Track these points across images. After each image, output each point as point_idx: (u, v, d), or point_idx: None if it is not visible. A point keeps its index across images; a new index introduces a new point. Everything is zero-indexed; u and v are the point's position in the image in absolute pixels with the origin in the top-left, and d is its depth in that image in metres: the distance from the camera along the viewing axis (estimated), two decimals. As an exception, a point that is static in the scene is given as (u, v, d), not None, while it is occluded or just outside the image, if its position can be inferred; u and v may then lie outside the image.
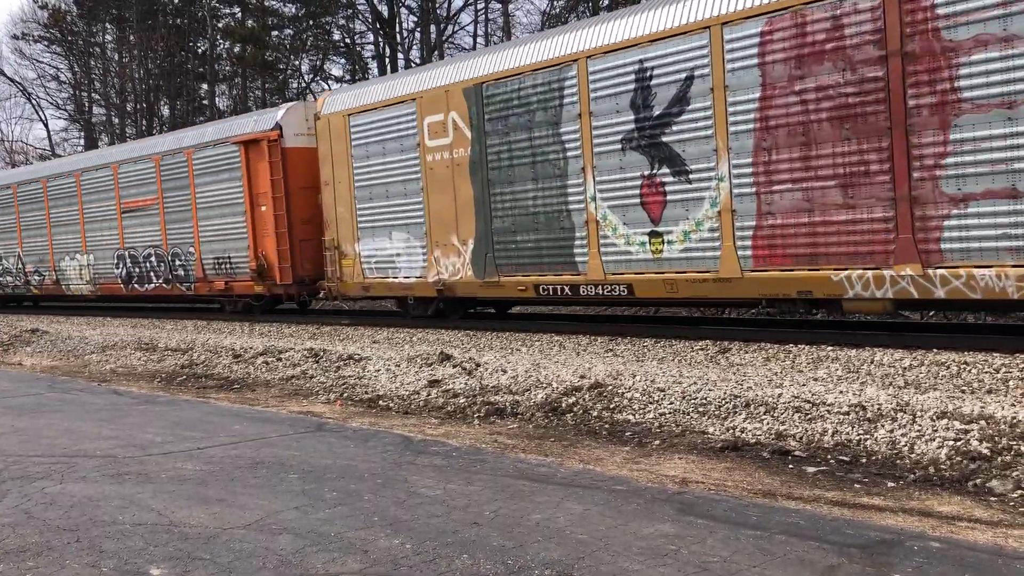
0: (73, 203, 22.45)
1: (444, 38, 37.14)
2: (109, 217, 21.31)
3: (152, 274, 20.27)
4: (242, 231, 17.70)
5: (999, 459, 5.80)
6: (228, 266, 18.20)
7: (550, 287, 12.41)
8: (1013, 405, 6.64)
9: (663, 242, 11.05)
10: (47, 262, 23.68)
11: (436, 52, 35.68)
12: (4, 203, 25.29)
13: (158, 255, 19.95)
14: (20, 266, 24.88)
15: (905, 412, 6.67)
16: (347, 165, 15.26)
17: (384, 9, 37.13)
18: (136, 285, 20.76)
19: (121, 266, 21.12)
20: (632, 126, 11.20)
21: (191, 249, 18.98)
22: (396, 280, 14.73)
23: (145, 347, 14.83)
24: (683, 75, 10.60)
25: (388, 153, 14.59)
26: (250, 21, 39.80)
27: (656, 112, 10.92)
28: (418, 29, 37.68)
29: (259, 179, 17.07)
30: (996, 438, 6.01)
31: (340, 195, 15.49)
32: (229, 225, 18.07)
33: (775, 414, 7.14)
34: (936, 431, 6.29)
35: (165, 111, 44.39)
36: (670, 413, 7.65)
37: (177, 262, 19.46)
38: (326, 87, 40.18)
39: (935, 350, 8.94)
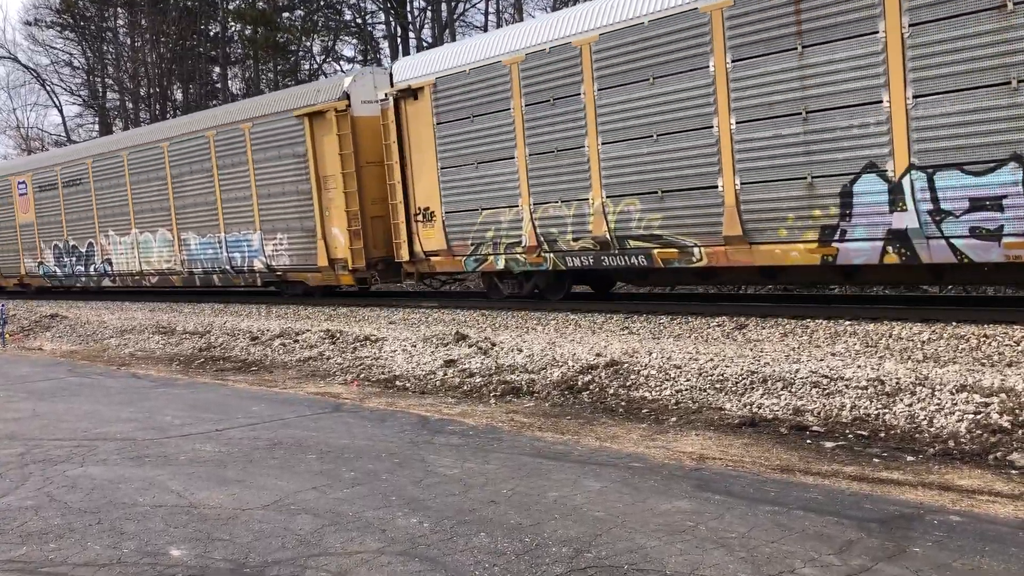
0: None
1: (456, 16, 36.93)
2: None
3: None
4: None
5: (1020, 432, 5.74)
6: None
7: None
8: (1034, 377, 6.57)
9: None
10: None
11: (447, 31, 35.50)
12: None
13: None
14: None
15: (924, 386, 6.61)
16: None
17: (395, -12, 36.94)
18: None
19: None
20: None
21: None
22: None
23: (163, 331, 14.92)
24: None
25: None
26: (261, 3, 39.69)
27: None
28: (429, 8, 37.47)
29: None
30: (1017, 411, 5.95)
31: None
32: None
33: (792, 389, 7.11)
34: (956, 404, 6.24)
35: (178, 95, 44.44)
36: (686, 390, 7.63)
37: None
38: (338, 68, 40.13)
39: (954, 323, 8.85)
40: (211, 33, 42.82)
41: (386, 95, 14.31)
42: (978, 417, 6.01)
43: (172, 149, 19.10)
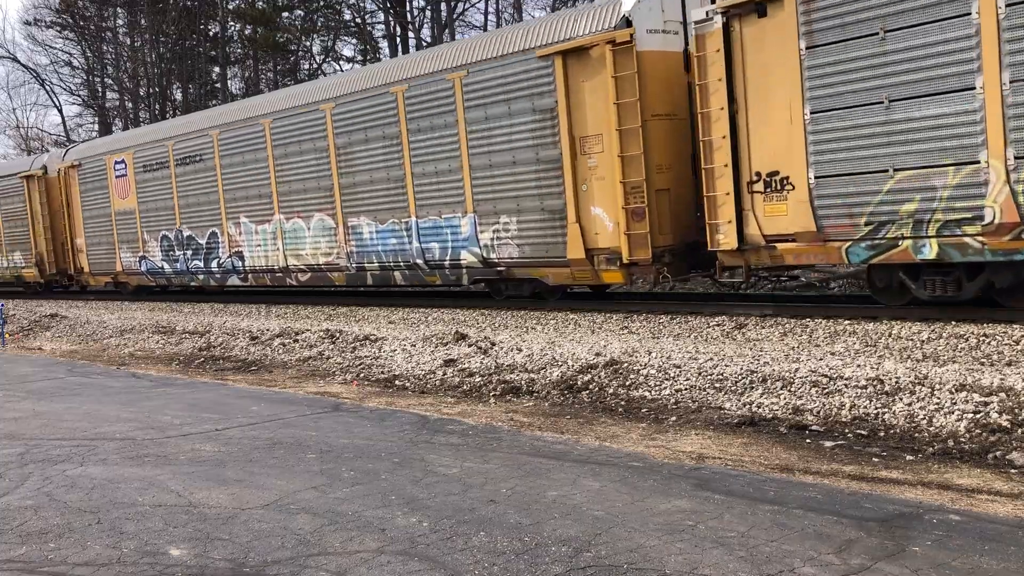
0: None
1: (455, 16, 36.94)
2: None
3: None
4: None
5: (1019, 431, 5.75)
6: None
7: None
8: (1033, 377, 6.57)
9: None
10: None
11: (447, 31, 35.49)
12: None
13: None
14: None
15: (923, 385, 6.62)
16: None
17: (394, -12, 36.95)
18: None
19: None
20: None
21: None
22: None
23: (163, 330, 14.92)
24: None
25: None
26: (260, 3, 39.71)
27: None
28: (429, 7, 37.47)
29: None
30: (1016, 410, 5.96)
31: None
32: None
33: (792, 389, 7.11)
34: (955, 404, 6.25)
35: (178, 95, 44.45)
36: (686, 389, 7.63)
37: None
38: (338, 68, 40.14)
39: (953, 322, 8.86)
40: (211, 33, 42.83)
41: (708, 14, 10.25)
42: (977, 416, 6.02)
43: (338, 112, 15.04)
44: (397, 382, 9.48)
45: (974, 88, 8.35)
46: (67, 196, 22.65)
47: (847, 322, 9.47)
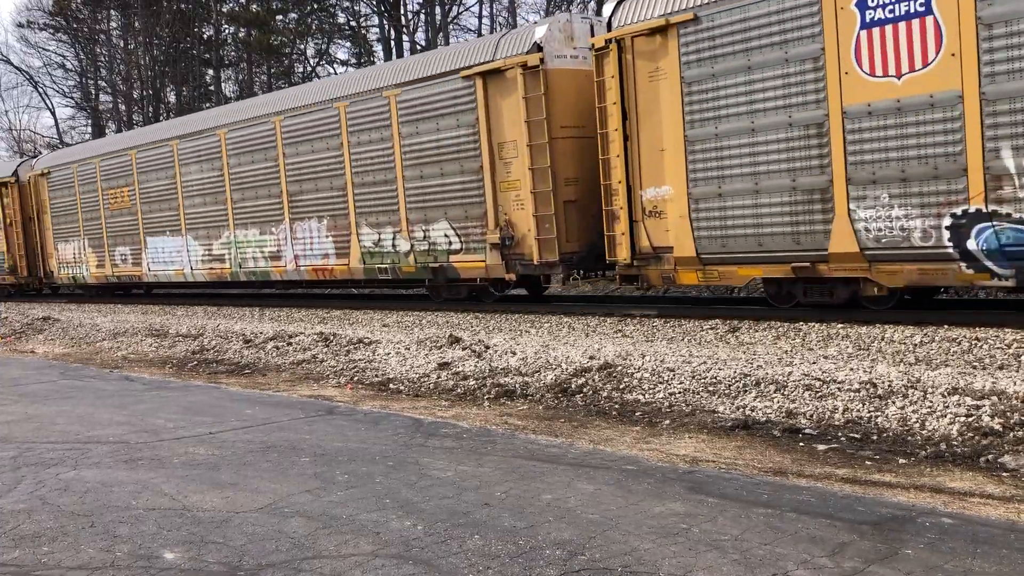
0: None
1: (449, 20, 36.98)
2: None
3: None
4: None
5: (1011, 434, 5.77)
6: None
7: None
8: (1025, 380, 6.60)
9: None
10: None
11: (441, 34, 35.52)
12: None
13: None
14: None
15: (916, 389, 6.64)
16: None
17: (389, -9, 36.96)
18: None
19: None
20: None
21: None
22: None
23: (156, 333, 14.89)
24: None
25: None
26: (254, 5, 39.68)
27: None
28: (423, 11, 37.50)
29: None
30: (1008, 413, 5.98)
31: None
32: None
33: (785, 392, 7.13)
34: (947, 407, 6.27)
35: (172, 98, 44.38)
36: (680, 392, 7.64)
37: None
38: (331, 71, 40.11)
39: (946, 326, 8.89)
40: (205, 36, 42.79)
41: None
42: (970, 420, 6.04)
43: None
44: (391, 385, 9.48)
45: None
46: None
47: (840, 326, 9.50)
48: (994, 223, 8.48)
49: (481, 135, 12.97)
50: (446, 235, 13.85)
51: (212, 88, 43.00)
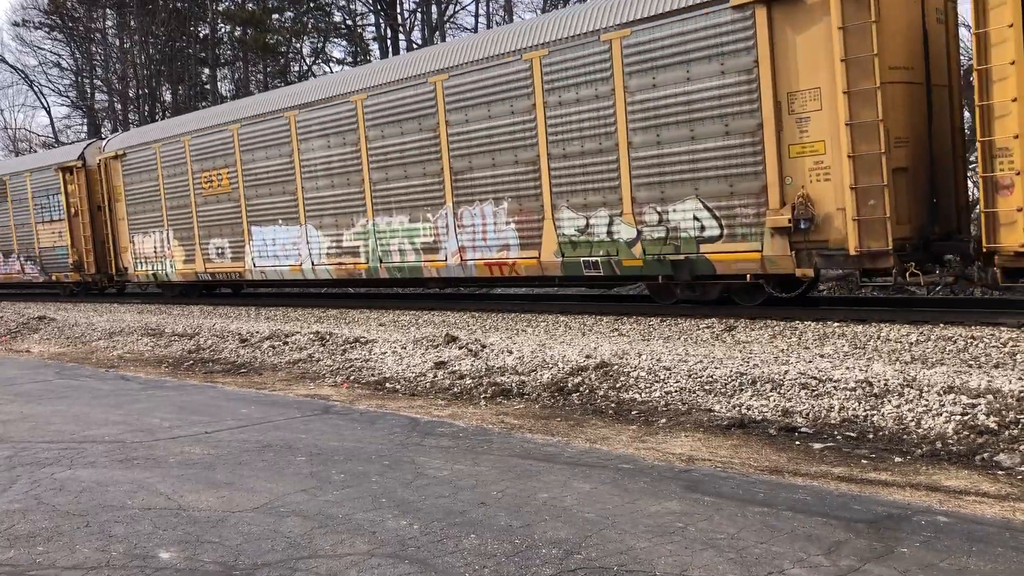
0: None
1: (445, 18, 36.96)
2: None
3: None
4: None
5: (1006, 433, 5.78)
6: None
7: None
8: (1020, 379, 6.62)
9: None
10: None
11: (437, 32, 35.50)
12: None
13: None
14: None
15: (912, 387, 6.65)
16: None
17: (385, -10, 36.94)
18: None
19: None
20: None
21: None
22: None
23: (152, 333, 14.87)
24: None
25: None
26: (250, 4, 39.63)
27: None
28: (419, 10, 37.48)
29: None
30: (1003, 412, 5.99)
31: None
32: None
33: (781, 391, 7.14)
34: (943, 406, 6.28)
35: (167, 97, 44.31)
36: (676, 391, 7.65)
37: None
38: (328, 70, 40.07)
39: (942, 325, 8.91)
40: (201, 34, 42.72)
41: None
42: (965, 418, 6.05)
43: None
44: (387, 384, 9.47)
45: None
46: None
47: (836, 324, 9.51)
48: None
49: (762, 82, 10.02)
50: (696, 217, 10.80)
51: (208, 87, 42.94)
